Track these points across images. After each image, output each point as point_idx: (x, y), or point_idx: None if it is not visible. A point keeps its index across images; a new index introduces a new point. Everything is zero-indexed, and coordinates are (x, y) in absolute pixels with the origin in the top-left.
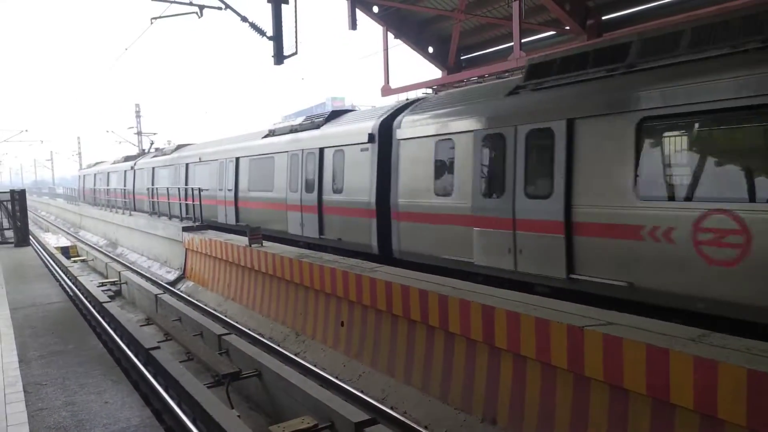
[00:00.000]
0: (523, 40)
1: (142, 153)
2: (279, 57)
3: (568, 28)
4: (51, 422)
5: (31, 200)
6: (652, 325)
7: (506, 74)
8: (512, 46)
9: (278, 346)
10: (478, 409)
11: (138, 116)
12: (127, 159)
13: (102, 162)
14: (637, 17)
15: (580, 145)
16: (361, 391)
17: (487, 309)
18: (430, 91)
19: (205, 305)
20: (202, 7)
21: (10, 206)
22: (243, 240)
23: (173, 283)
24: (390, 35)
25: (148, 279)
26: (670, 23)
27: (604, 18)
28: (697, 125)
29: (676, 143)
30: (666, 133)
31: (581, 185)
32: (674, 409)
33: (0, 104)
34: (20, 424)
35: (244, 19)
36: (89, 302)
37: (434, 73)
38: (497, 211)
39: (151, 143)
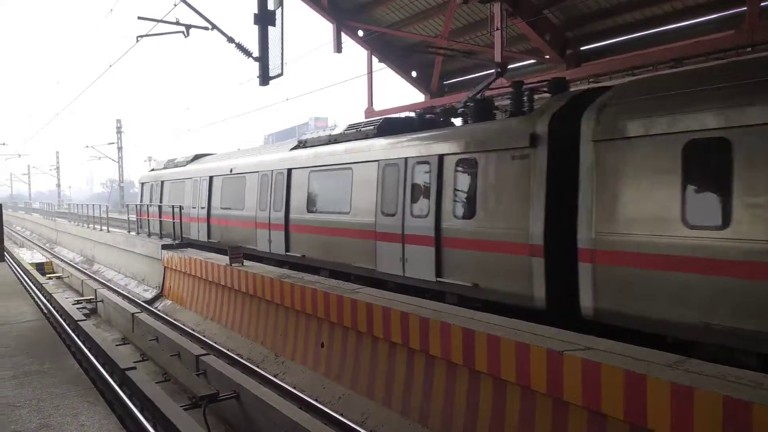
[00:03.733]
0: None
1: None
2: (264, 78)
3: (548, 57)
4: None
5: (6, 214)
6: (630, 350)
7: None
8: (494, 73)
9: (257, 367)
10: None
11: (119, 132)
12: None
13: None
14: (614, 48)
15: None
16: (341, 414)
17: (468, 332)
18: (412, 114)
19: (183, 325)
20: (189, 27)
21: None
22: (223, 259)
23: (151, 302)
24: (374, 59)
25: (124, 297)
26: (646, 55)
27: (582, 48)
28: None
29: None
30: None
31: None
32: None
33: None
34: None
35: (230, 39)
36: (64, 320)
37: (417, 96)
38: None
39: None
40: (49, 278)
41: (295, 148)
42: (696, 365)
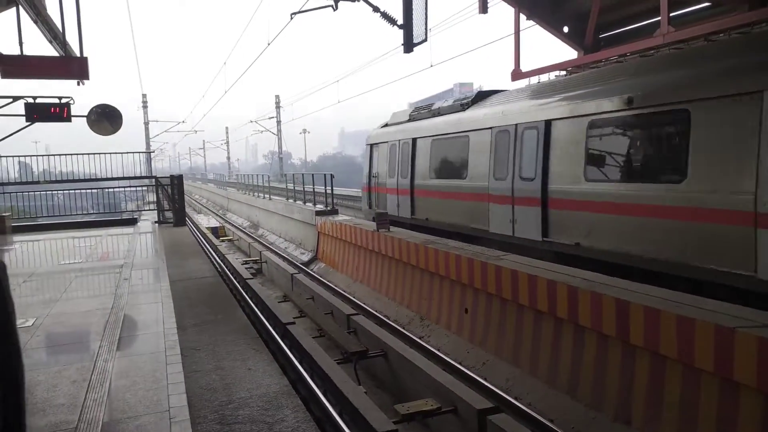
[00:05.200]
0: (671, 14)
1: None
2: (409, 45)
3: None
4: (203, 383)
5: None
6: None
7: (651, 52)
8: (659, 21)
9: (403, 328)
10: (609, 407)
11: (278, 107)
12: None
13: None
14: None
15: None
16: (485, 379)
17: (622, 303)
18: (563, 73)
19: (335, 286)
20: (337, 0)
21: (170, 190)
22: (372, 225)
23: (307, 264)
24: (522, 16)
25: (284, 259)
26: None
27: None
28: None
29: None
30: None
31: None
32: None
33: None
34: (178, 383)
35: (375, 9)
36: (235, 278)
37: (568, 53)
38: None
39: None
40: (222, 241)
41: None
42: None
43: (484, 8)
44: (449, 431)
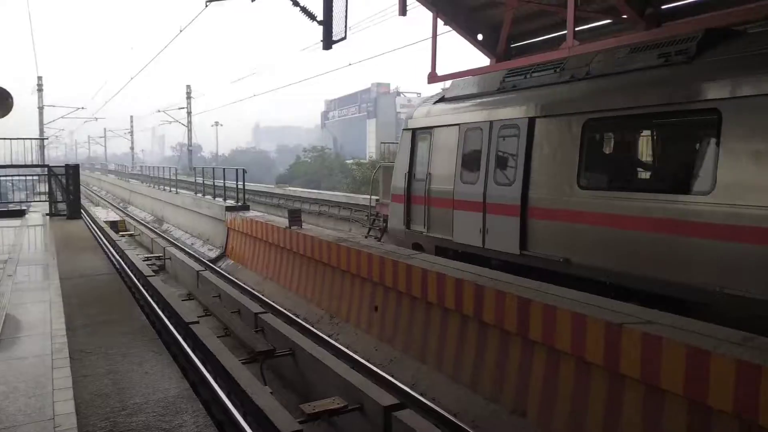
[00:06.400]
0: (577, 29)
1: None
2: (328, 42)
3: (625, 16)
4: (93, 389)
5: (84, 175)
6: (695, 325)
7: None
8: (565, 35)
9: (312, 327)
10: (508, 400)
11: (189, 97)
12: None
13: None
14: (698, 7)
15: None
16: (392, 376)
17: (523, 301)
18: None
19: (244, 284)
20: None
21: (64, 180)
22: (283, 222)
23: (214, 261)
24: (440, 21)
25: (190, 256)
26: (731, 15)
27: (663, 7)
28: None
29: None
30: None
31: None
32: (710, 412)
33: (60, 82)
34: (65, 389)
35: (295, 2)
36: (134, 275)
37: (481, 60)
38: None
39: None
40: (122, 236)
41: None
42: (764, 343)
43: (403, 11)
44: (356, 429)
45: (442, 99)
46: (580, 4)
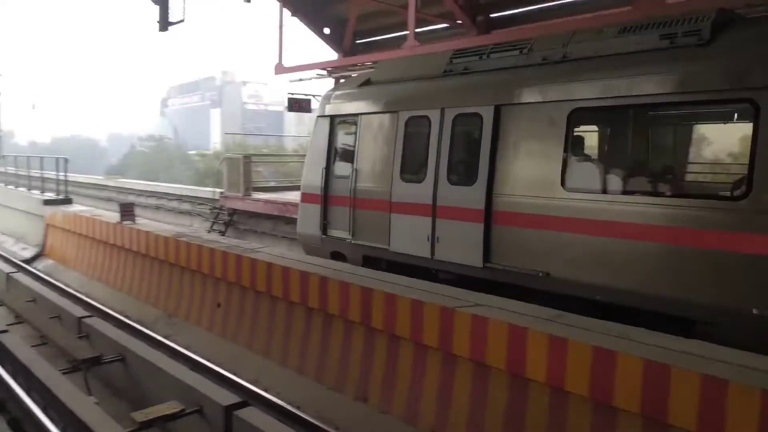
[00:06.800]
0: (417, 30)
1: None
2: (164, 23)
3: (460, 22)
4: None
5: None
6: (514, 306)
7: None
8: (407, 35)
9: (147, 328)
10: (351, 388)
11: None
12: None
13: None
14: (521, 17)
15: None
16: (236, 374)
17: (366, 291)
18: (324, 72)
19: (66, 285)
20: None
21: None
22: (114, 216)
23: (29, 261)
24: (286, 12)
25: None
26: (549, 26)
27: (492, 15)
28: None
29: None
30: None
31: None
32: (527, 383)
33: None
34: None
35: None
36: None
37: (329, 54)
38: None
39: None
40: None
41: None
42: (571, 319)
43: None
44: None
45: (367, 82)
46: (422, 8)
